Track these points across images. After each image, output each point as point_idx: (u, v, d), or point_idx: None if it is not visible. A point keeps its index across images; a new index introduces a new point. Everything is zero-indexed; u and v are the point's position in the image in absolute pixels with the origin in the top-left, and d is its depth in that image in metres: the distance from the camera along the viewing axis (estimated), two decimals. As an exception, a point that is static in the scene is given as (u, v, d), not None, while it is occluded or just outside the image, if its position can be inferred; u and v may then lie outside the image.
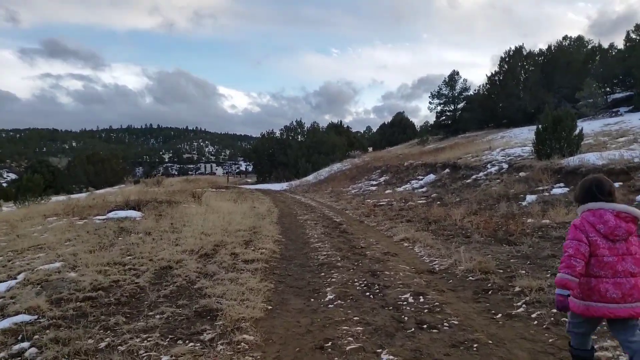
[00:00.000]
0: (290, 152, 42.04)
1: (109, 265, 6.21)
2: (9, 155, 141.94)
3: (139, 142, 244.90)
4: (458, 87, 42.45)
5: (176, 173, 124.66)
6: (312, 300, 4.86)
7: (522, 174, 14.36)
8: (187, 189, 26.07)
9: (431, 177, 18.89)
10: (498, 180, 14.76)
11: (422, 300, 4.67)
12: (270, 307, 4.55)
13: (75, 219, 11.78)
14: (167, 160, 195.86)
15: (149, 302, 4.64)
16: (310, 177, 34.79)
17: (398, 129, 53.06)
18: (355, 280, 5.59)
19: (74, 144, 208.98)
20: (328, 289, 5.23)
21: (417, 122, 60.96)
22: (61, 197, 28.41)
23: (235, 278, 5.52)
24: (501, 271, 5.59)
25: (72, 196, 32.89)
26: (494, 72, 38.21)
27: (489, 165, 16.93)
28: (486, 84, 38.63)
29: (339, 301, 4.72)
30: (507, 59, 37.10)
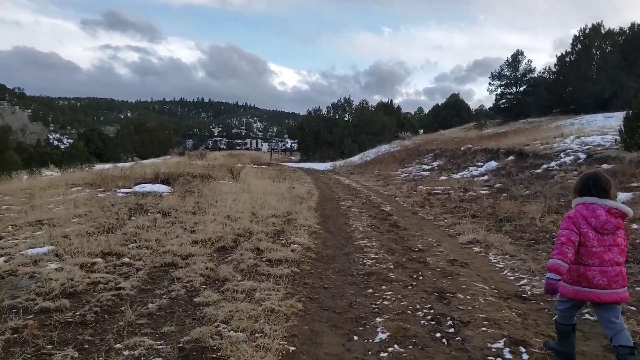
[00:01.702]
0: (336, 130, 40.29)
1: (101, 256, 4.94)
2: (69, 122, 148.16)
3: (190, 115, 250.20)
4: (521, 68, 38.82)
5: (224, 147, 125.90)
6: (355, 338, 3.33)
7: (605, 166, 12.12)
8: (229, 163, 25.17)
9: (492, 164, 16.73)
10: (575, 172, 12.50)
11: (526, 357, 3.03)
12: (292, 349, 3.05)
13: (99, 191, 10.81)
14: (216, 134, 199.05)
15: (123, 324, 3.26)
16: (356, 158, 33.04)
17: (452, 111, 49.91)
18: (417, 305, 3.99)
19: (129, 114, 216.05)
20: (378, 319, 3.67)
21: (471, 106, 57.31)
22: (107, 165, 28.54)
23: (252, 289, 4.07)
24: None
25: (118, 165, 33.10)
26: (564, 52, 34.54)
27: (562, 155, 14.61)
28: (555, 64, 35.01)
29: (396, 346, 3.15)
30: (581, 38, 33.29)
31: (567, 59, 33.79)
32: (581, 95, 30.85)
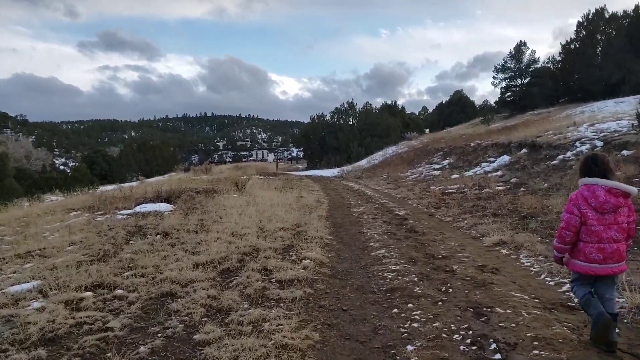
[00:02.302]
0: (341, 135, 39.71)
1: (91, 289, 4.43)
2: (74, 146, 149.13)
3: (194, 130, 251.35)
4: (525, 59, 38.10)
5: (230, 160, 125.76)
6: (385, 375, 2.77)
7: (625, 152, 11.51)
8: (234, 176, 24.76)
9: (505, 158, 16.12)
10: (595, 161, 11.90)
11: (599, 390, 2.46)
12: (310, 398, 2.50)
13: (98, 214, 10.35)
14: (221, 147, 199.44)
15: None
16: (363, 162, 32.48)
17: (457, 108, 49.29)
18: (452, 326, 3.42)
19: (132, 133, 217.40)
20: (410, 347, 3.11)
21: (475, 101, 56.60)
22: (112, 186, 28.26)
23: (260, 319, 3.53)
24: None
25: (123, 185, 32.79)
26: (568, 40, 33.85)
27: (577, 144, 14.01)
28: (560, 53, 34.31)
29: (437, 385, 2.60)
30: (585, 24, 32.63)
31: (572, 46, 33.13)
32: (588, 82, 30.13)
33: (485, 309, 3.72)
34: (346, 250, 6.27)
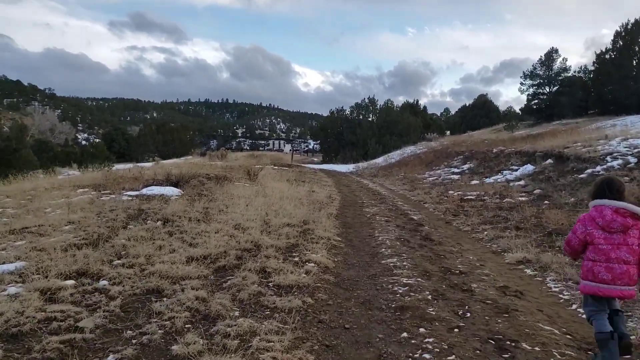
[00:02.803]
0: (359, 131, 39.07)
1: (75, 276, 4.07)
2: (97, 122, 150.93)
3: (215, 115, 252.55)
4: (556, 67, 36.84)
5: (248, 148, 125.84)
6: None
7: (661, 171, 10.81)
8: (248, 164, 24.48)
9: (529, 167, 15.42)
10: (627, 178, 11.20)
11: None
12: None
13: (104, 193, 10.08)
14: (239, 135, 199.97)
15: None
16: (380, 160, 31.86)
17: (480, 112, 48.13)
18: (471, 362, 2.94)
19: (154, 114, 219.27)
20: (419, 386, 2.64)
21: (499, 107, 55.29)
22: (129, 165, 28.32)
23: (250, 331, 3.10)
24: None
25: (140, 165, 32.85)
26: (604, 50, 32.58)
27: (608, 158, 13.26)
28: (594, 62, 33.06)
29: None
30: (622, 34, 31.32)
31: (607, 56, 31.86)
32: (622, 94, 28.92)
33: (508, 342, 3.23)
34: (354, 255, 5.81)
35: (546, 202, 10.61)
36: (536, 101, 36.97)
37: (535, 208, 9.82)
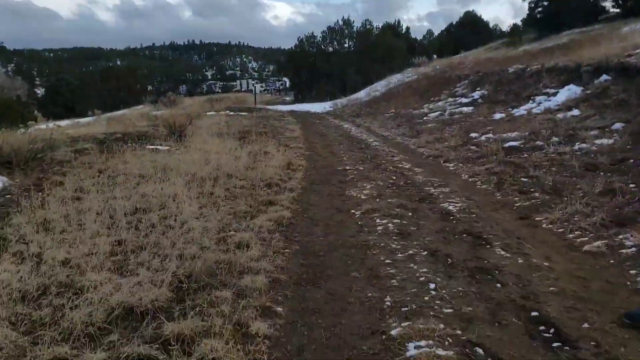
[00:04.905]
0: (335, 60, 33.49)
1: None
2: (55, 75, 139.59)
3: (182, 58, 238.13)
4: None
5: (219, 90, 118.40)
6: None
7: None
8: (200, 111, 19.54)
9: (574, 89, 10.75)
10: None
11: None
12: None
13: None
14: (209, 77, 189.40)
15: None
16: (362, 94, 26.80)
17: (469, 30, 42.57)
18: None
19: (118, 62, 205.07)
20: None
21: (489, 23, 49.71)
22: (64, 122, 23.22)
23: None
24: None
25: (78, 120, 27.35)
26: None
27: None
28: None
29: None
30: None
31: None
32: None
33: None
34: None
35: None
36: (540, 9, 31.54)
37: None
